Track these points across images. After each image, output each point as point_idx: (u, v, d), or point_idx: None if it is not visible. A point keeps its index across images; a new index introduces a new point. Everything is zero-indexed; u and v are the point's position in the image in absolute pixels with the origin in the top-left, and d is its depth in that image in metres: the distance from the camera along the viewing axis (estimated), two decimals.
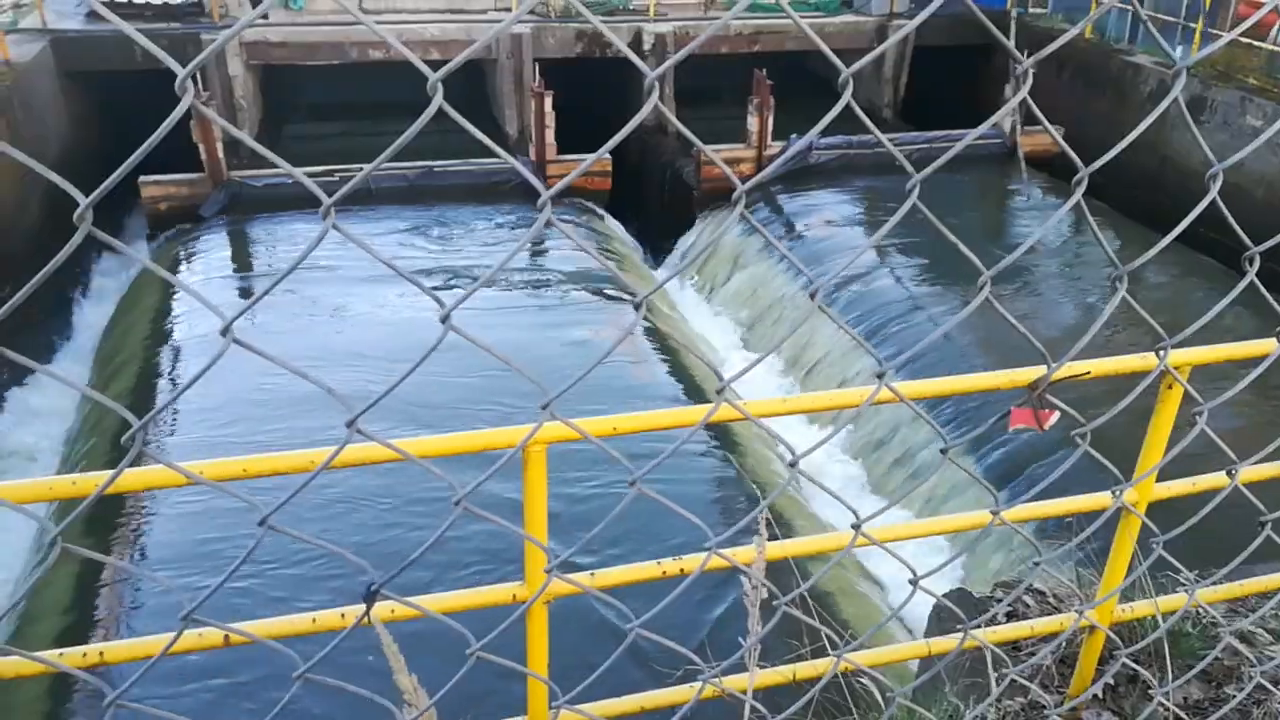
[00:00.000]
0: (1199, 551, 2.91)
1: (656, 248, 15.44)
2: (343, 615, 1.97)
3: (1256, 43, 14.05)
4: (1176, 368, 2.31)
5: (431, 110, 0.99)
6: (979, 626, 3.38)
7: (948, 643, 2.55)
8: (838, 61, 1.13)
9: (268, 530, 1.29)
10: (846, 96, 1.08)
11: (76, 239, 0.94)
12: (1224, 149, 13.00)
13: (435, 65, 1.00)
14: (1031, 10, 18.54)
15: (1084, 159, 1.37)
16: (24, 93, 13.22)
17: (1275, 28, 14.40)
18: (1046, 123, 1.35)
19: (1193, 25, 15.01)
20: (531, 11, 16.47)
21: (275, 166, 1.09)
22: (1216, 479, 2.45)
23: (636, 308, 1.25)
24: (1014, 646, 3.42)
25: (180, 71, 0.90)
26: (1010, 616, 3.82)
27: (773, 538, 1.93)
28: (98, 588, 7.59)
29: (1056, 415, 1.67)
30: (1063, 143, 1.39)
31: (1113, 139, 1.37)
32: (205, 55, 0.94)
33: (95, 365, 11.66)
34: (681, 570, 2.19)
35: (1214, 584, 2.55)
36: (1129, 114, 15.07)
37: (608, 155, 14.24)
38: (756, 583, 1.60)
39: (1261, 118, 13.22)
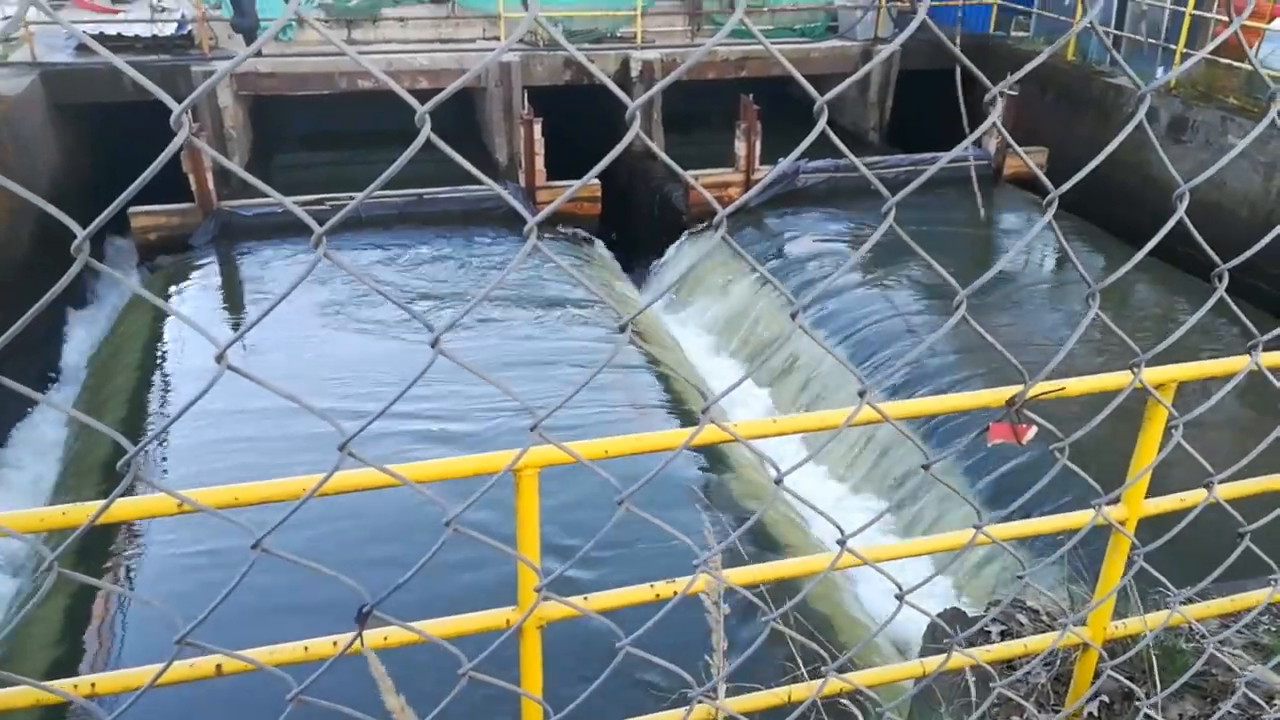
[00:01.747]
0: (1200, 567, 2.92)
1: (646, 271, 15.51)
2: (335, 643, 1.98)
3: (1236, 63, 14.24)
4: (1161, 384, 2.34)
5: (419, 142, 1.02)
6: (970, 644, 3.39)
7: (941, 661, 2.57)
8: (812, 90, 1.16)
9: (261, 553, 1.30)
10: (821, 124, 1.11)
11: (74, 270, 0.96)
12: (1206, 168, 13.12)
13: (426, 94, 1.03)
14: (1014, 34, 18.77)
15: (1068, 179, 1.41)
16: (13, 125, 13.26)
17: (1254, 48, 14.60)
18: (1016, 146, 1.38)
19: (1172, 47, 15.21)
20: (520, 40, 16.61)
21: (265, 196, 1.12)
22: (1223, 490, 2.48)
23: (621, 330, 1.28)
24: (1010, 666, 3.44)
25: (175, 107, 0.93)
26: (1004, 635, 3.84)
27: (760, 559, 1.94)
28: (88, 620, 7.54)
29: (1034, 430, 1.70)
30: (1034, 166, 1.42)
31: (1092, 158, 1.40)
32: (200, 92, 0.96)
33: (85, 395, 11.63)
34: (675, 593, 2.20)
35: (1193, 597, 2.57)
36: (1112, 135, 15.12)
37: (597, 181, 14.26)
38: (716, 598, 1.61)
39: (1242, 137, 13.38)
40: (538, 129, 14.43)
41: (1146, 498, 2.55)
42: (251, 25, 15.13)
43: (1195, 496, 2.47)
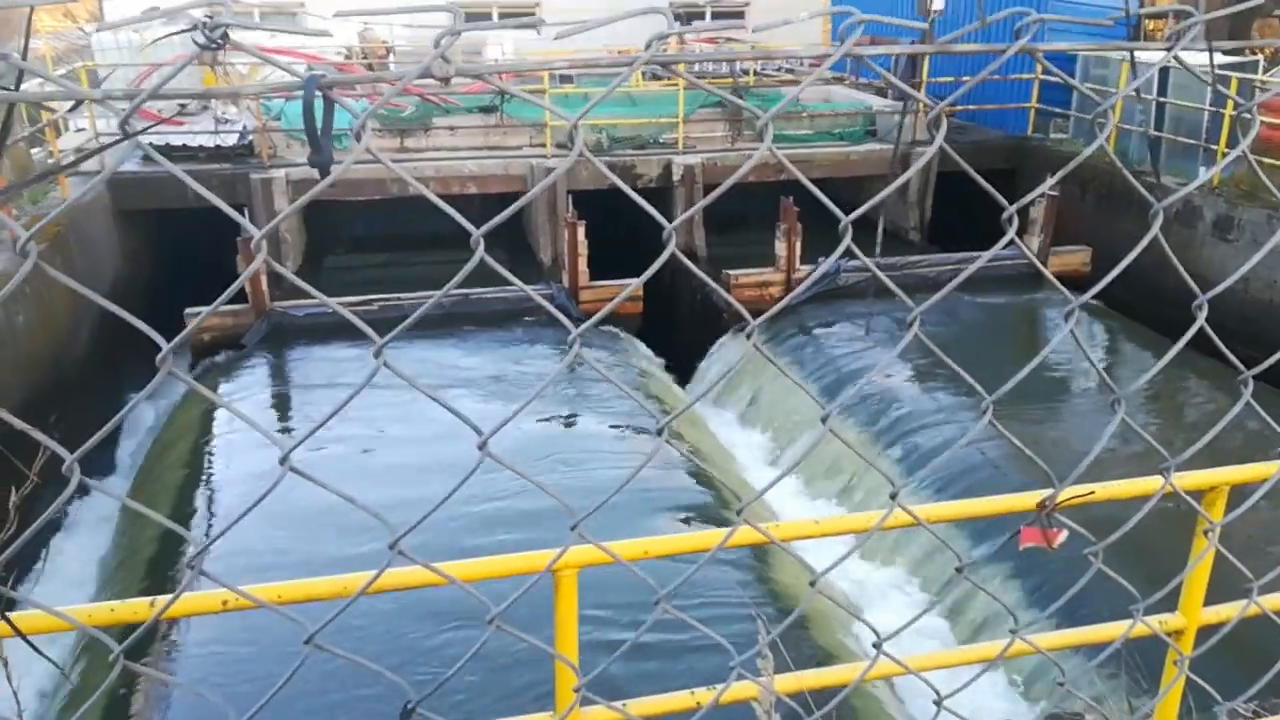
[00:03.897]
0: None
1: (687, 370, 15.62)
2: None
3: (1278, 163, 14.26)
4: (1213, 487, 2.33)
5: (472, 264, 1.10)
6: None
7: None
8: (837, 211, 1.23)
9: (313, 649, 1.34)
10: (846, 241, 1.18)
11: (157, 380, 1.04)
12: (1253, 267, 13.04)
13: (474, 199, 1.11)
14: (1053, 135, 19.00)
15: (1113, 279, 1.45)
16: (80, 230, 13.87)
17: None
18: (1021, 242, 1.44)
19: (1213, 147, 15.29)
20: (561, 146, 17.15)
21: (315, 297, 1.20)
22: (1268, 600, 2.43)
23: (659, 434, 1.33)
24: None
25: (256, 233, 1.02)
26: None
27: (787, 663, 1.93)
28: None
29: (1065, 534, 1.71)
30: (1044, 269, 1.47)
31: (1139, 259, 1.45)
32: (276, 222, 1.05)
33: (136, 495, 11.82)
34: (718, 700, 2.19)
35: (1260, 709, 2.49)
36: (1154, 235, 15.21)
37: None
38: (768, 708, 1.61)
39: None
40: (581, 231, 14.81)
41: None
42: (327, 160, 15.74)
43: (1266, 603, 2.42)
